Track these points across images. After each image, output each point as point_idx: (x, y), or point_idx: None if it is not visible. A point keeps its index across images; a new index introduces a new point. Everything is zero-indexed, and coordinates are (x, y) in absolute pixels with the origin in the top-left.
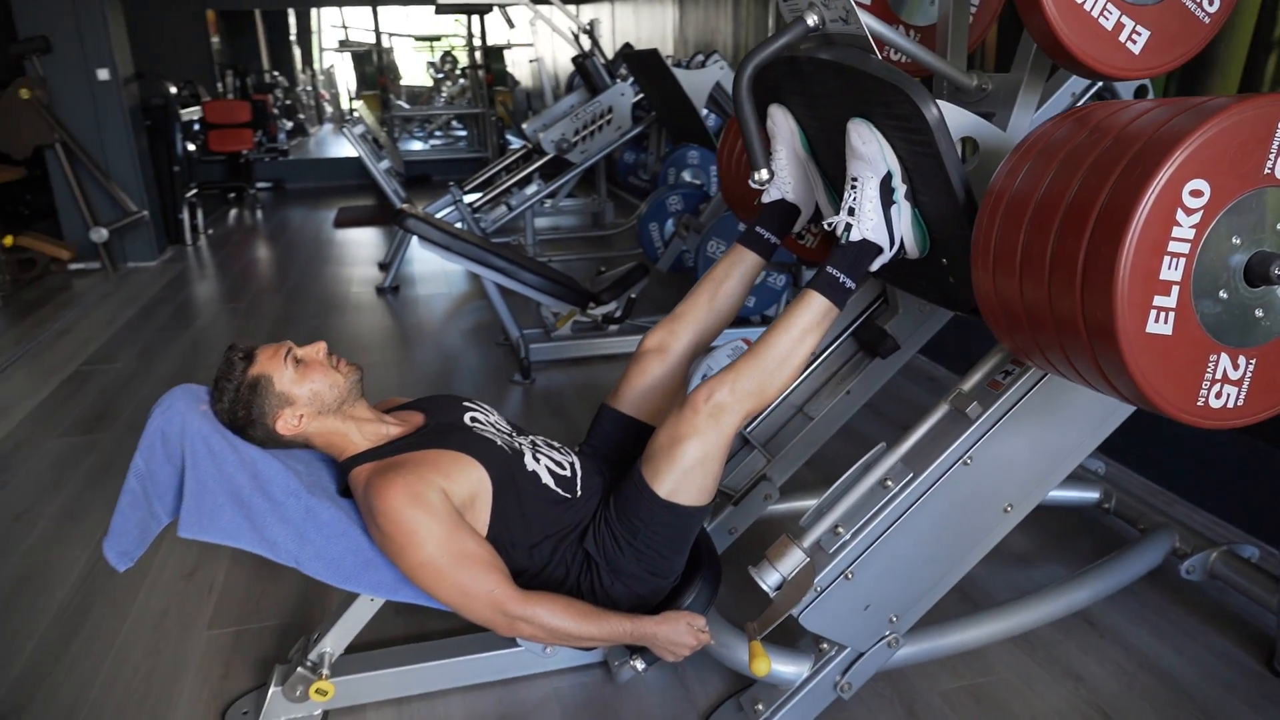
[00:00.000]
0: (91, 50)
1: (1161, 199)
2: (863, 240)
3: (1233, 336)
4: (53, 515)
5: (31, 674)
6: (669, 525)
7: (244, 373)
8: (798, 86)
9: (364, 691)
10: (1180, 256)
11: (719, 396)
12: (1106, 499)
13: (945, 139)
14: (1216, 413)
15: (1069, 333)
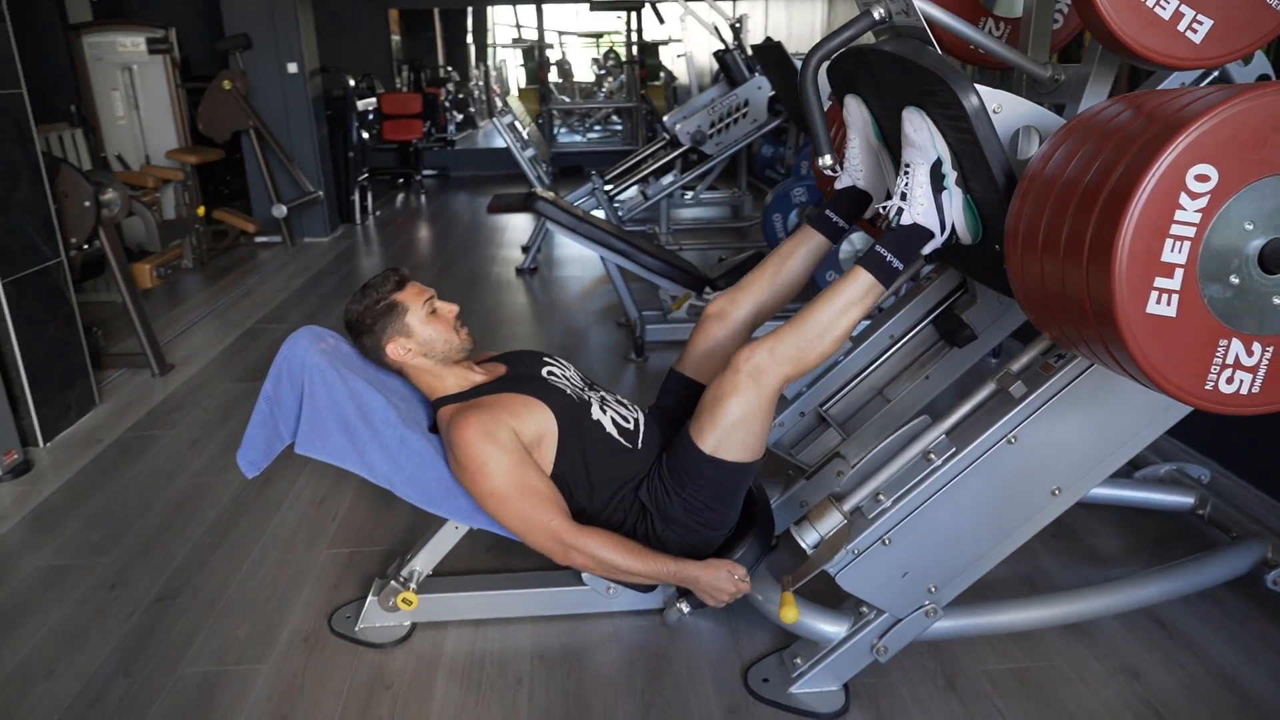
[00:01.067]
0: (284, 46)
1: (1163, 182)
2: (913, 224)
3: (1247, 322)
4: (218, 445)
5: (184, 570)
6: (713, 479)
7: (389, 292)
8: (867, 77)
9: (447, 610)
10: (1184, 240)
11: (759, 359)
12: (1201, 505)
13: (985, 126)
14: (1228, 398)
15: (1080, 312)
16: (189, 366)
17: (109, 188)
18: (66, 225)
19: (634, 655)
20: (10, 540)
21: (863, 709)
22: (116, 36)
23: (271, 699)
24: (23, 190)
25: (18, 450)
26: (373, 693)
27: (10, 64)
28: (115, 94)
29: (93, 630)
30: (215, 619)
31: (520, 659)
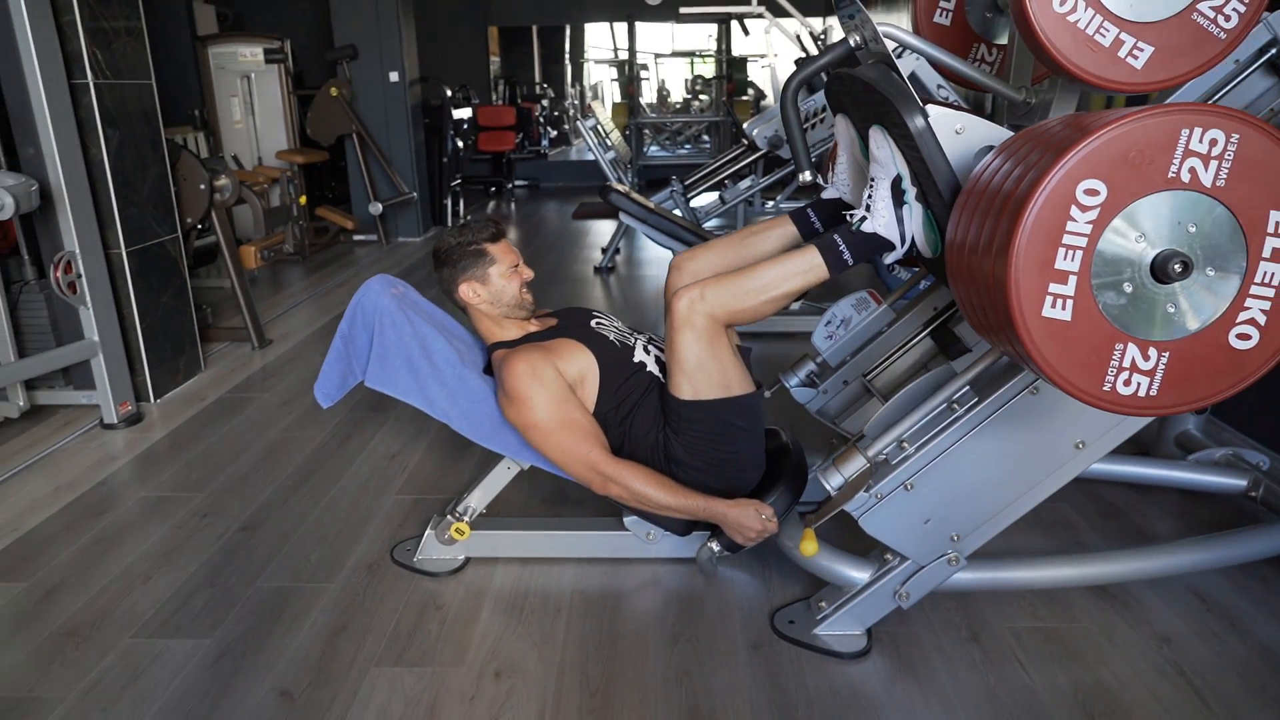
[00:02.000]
0: (387, 56)
1: (1054, 195)
2: (874, 233)
3: (1142, 328)
4: (305, 407)
5: (266, 507)
6: (698, 420)
7: (484, 240)
8: (849, 98)
9: (497, 546)
10: (1076, 249)
11: (688, 297)
12: (1254, 486)
13: (929, 145)
14: (1127, 399)
15: (996, 317)
16: (285, 343)
17: (222, 174)
18: (183, 205)
19: (669, 597)
20: (120, 476)
21: (883, 653)
22: (238, 47)
23: (334, 611)
24: (149, 170)
25: (132, 403)
26: (424, 612)
27: (143, 60)
28: (234, 100)
29: (185, 549)
30: (291, 546)
31: (561, 594)
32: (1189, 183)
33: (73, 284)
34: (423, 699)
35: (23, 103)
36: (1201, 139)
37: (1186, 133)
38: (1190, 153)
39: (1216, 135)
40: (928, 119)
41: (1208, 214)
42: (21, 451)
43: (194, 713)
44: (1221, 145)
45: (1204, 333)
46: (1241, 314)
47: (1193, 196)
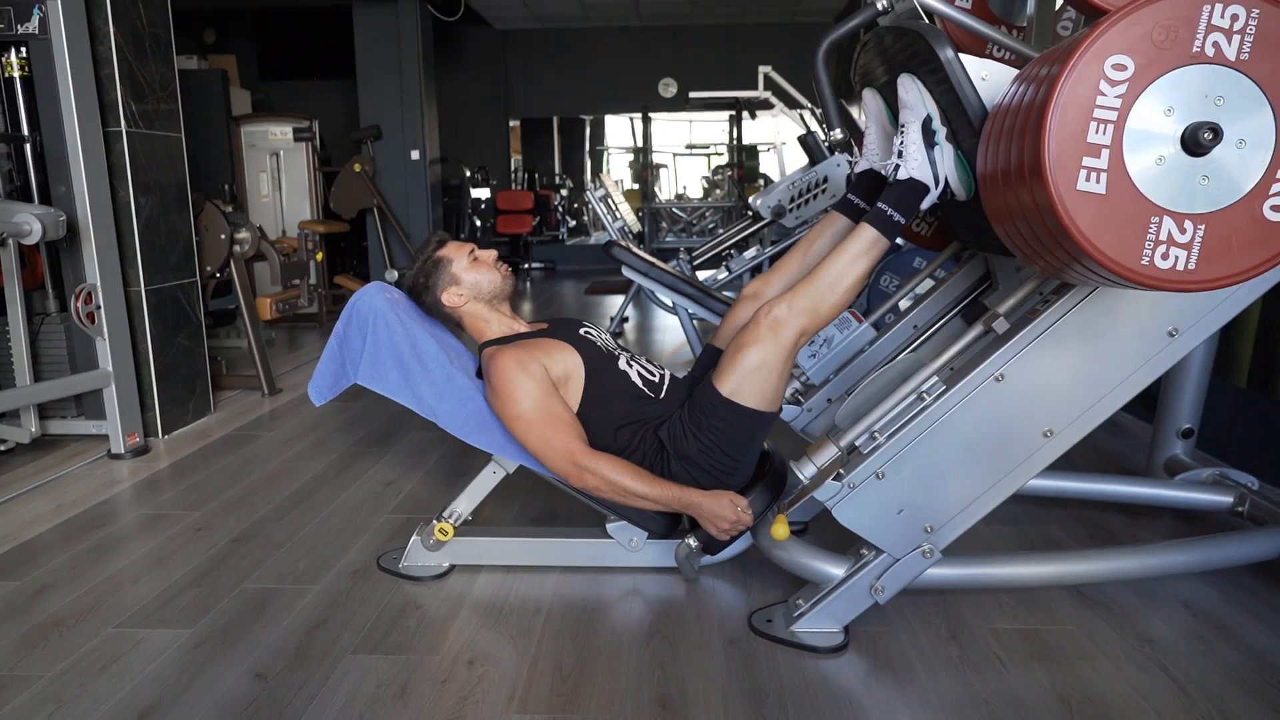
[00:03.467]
0: (409, 136)
1: (1084, 71)
2: (910, 179)
3: (1177, 201)
4: (308, 442)
5: (261, 522)
6: (728, 421)
7: (434, 251)
8: (880, 61)
9: (481, 553)
10: (1108, 123)
11: (777, 311)
12: (1240, 502)
13: (958, 73)
14: (1166, 274)
15: (1030, 208)
16: (295, 391)
17: (243, 228)
18: (204, 253)
19: (649, 602)
20: (121, 498)
21: (861, 650)
22: (269, 126)
23: (316, 609)
24: (173, 217)
25: (140, 435)
26: (405, 610)
27: (174, 114)
28: (262, 175)
29: (176, 556)
30: (280, 555)
31: (542, 597)
32: (1214, 57)
33: (91, 314)
34: (394, 682)
35: (59, 144)
36: (1223, 14)
37: (1208, 9)
38: (1213, 28)
39: (1237, 10)
40: (956, 49)
41: (1234, 87)
42: (28, 477)
43: (168, 690)
44: (1243, 20)
45: (1238, 205)
46: (1274, 185)
47: (1218, 70)
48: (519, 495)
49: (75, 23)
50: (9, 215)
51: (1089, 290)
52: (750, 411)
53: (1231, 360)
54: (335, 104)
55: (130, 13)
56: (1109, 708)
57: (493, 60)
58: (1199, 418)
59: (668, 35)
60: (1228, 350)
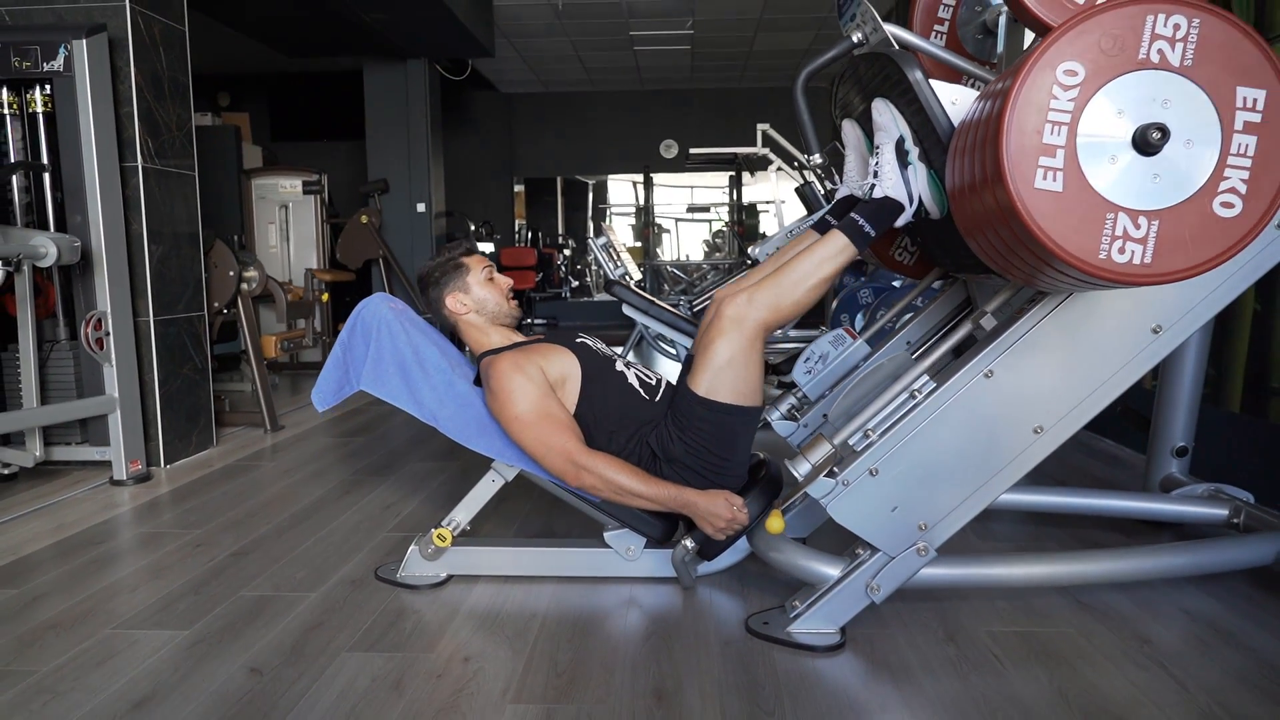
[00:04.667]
0: (415, 189)
1: (1038, 76)
2: (885, 197)
3: (1130, 198)
4: (309, 472)
5: (259, 540)
6: (708, 420)
7: (458, 256)
8: (856, 91)
9: (479, 563)
10: (1061, 125)
11: (738, 302)
12: (1235, 514)
13: (926, 93)
14: (1123, 267)
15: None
16: (297, 428)
17: (251, 266)
18: (212, 289)
19: (646, 610)
20: (121, 519)
21: (858, 651)
22: (279, 179)
23: (313, 613)
24: (183, 251)
25: (142, 463)
26: (401, 614)
27: (189, 152)
28: (271, 227)
29: (175, 568)
30: (279, 567)
31: (539, 604)
32: (1159, 63)
33: (100, 341)
34: (389, 677)
35: (77, 176)
36: (1166, 24)
37: (1152, 19)
38: (1157, 36)
39: (1179, 20)
40: (924, 71)
41: (1179, 91)
42: (29, 501)
43: (163, 683)
44: (1185, 29)
45: (1189, 202)
46: (1222, 183)
47: (1164, 75)
48: (518, 517)
49: (98, 63)
50: (27, 239)
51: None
52: (728, 407)
53: (1224, 386)
54: (344, 164)
55: (151, 56)
56: (1108, 702)
57: (498, 122)
58: (1193, 436)
59: (669, 98)
60: (1221, 376)
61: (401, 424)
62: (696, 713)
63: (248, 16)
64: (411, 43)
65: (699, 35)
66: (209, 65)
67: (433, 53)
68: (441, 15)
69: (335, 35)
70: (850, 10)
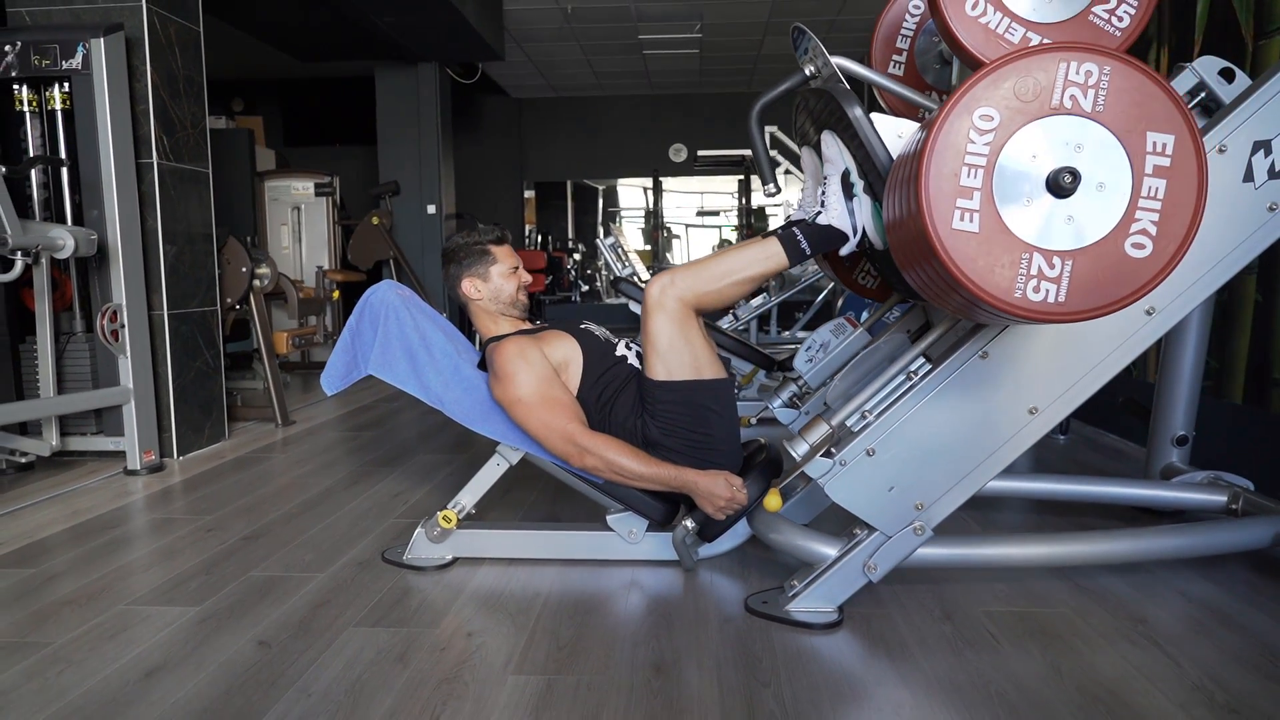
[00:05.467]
0: (426, 191)
1: (955, 121)
2: (828, 225)
3: (1044, 239)
4: (319, 463)
5: (271, 525)
6: (672, 401)
7: (489, 241)
8: (810, 122)
9: (484, 546)
10: (978, 168)
11: (660, 283)
12: (1234, 500)
13: (865, 128)
14: (1038, 306)
15: (921, 252)
16: (308, 423)
17: (264, 263)
18: (225, 284)
19: (648, 591)
20: (135, 506)
21: (854, 628)
22: (291, 182)
23: (319, 592)
24: (197, 246)
25: (155, 453)
26: (407, 593)
27: (202, 150)
28: (284, 228)
29: (187, 551)
30: (289, 550)
31: (541, 585)
32: (1071, 108)
33: (116, 332)
34: (394, 650)
35: (94, 172)
36: (1078, 71)
37: (1064, 66)
38: (1070, 83)
39: (1091, 68)
40: (864, 108)
41: (1091, 136)
42: (45, 490)
43: (174, 654)
44: (1096, 76)
45: (1102, 243)
46: (1134, 225)
47: (1076, 120)
48: (523, 506)
49: (115, 61)
50: (45, 231)
51: None
52: (684, 384)
53: (1227, 378)
54: (356, 167)
55: (167, 55)
56: (1101, 676)
57: (508, 126)
58: (1193, 425)
59: (678, 103)
60: (1223, 368)
61: (411, 419)
62: (694, 684)
63: (261, 21)
64: (423, 47)
65: (707, 39)
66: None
67: (444, 57)
68: (453, 20)
69: (347, 39)
70: (803, 44)
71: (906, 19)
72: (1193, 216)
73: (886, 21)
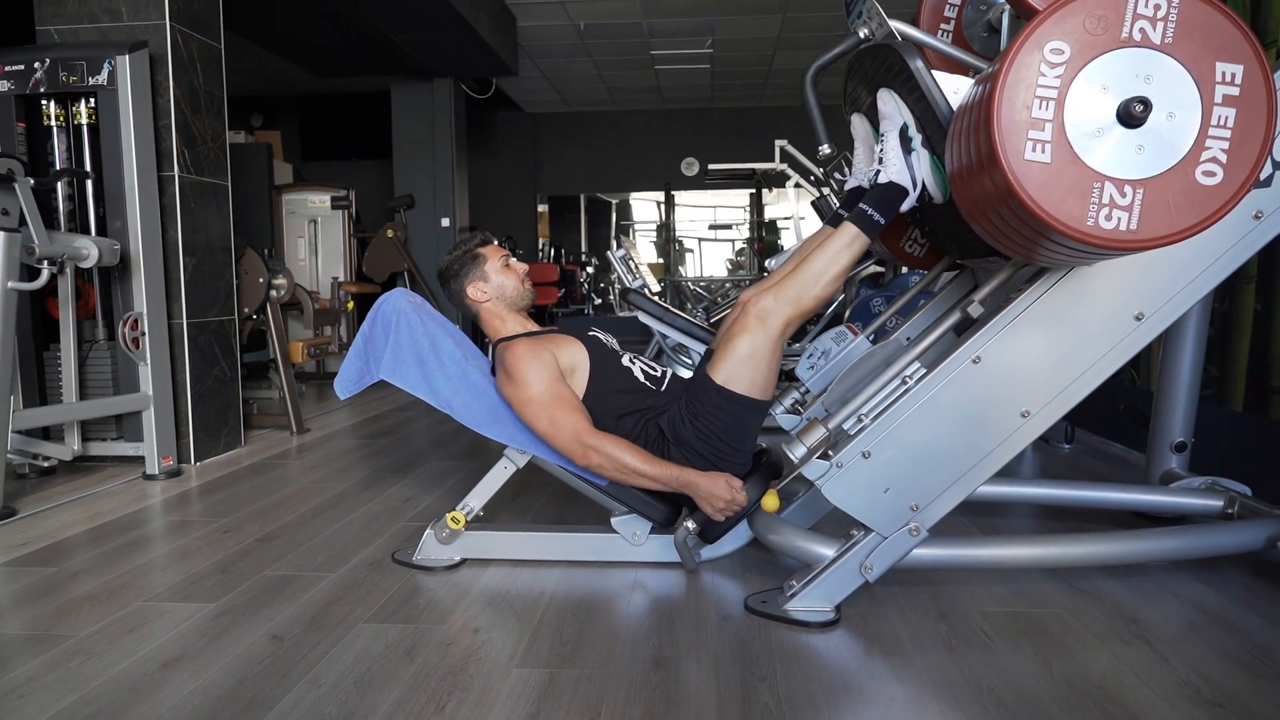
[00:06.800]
0: (440, 205)
1: (1026, 56)
2: (889, 182)
3: (1116, 168)
4: (333, 469)
5: (286, 527)
6: (722, 408)
7: (474, 246)
8: (863, 84)
9: (491, 546)
10: (1049, 100)
11: (764, 301)
12: (1230, 505)
13: (927, 79)
14: (1110, 234)
15: (989, 188)
16: (322, 431)
17: (280, 274)
18: (243, 294)
19: (651, 592)
20: (152, 509)
21: (851, 626)
22: (308, 195)
23: (331, 590)
24: (216, 257)
25: (174, 458)
26: (416, 592)
27: (222, 164)
28: (301, 241)
29: (204, 551)
30: (302, 550)
31: (547, 586)
32: (1141, 41)
33: (137, 340)
34: (402, 644)
35: (118, 184)
36: (1148, 4)
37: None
38: (1139, 16)
39: (1159, 0)
40: (925, 60)
41: (1161, 67)
42: (67, 493)
43: (190, 647)
44: (1165, 8)
45: (1172, 171)
46: (1204, 153)
47: (1146, 52)
48: (531, 510)
49: (140, 77)
50: (70, 241)
51: (1059, 276)
52: (743, 398)
53: (1227, 386)
54: (372, 182)
55: (189, 71)
56: (1090, 672)
57: (522, 141)
58: (1191, 432)
59: (690, 117)
60: (1224, 376)
61: (423, 428)
62: (692, 678)
63: (281, 38)
64: (438, 63)
65: (718, 54)
66: (243, 87)
67: (458, 72)
68: (468, 36)
69: (365, 56)
70: (857, 8)
71: None
72: (1263, 144)
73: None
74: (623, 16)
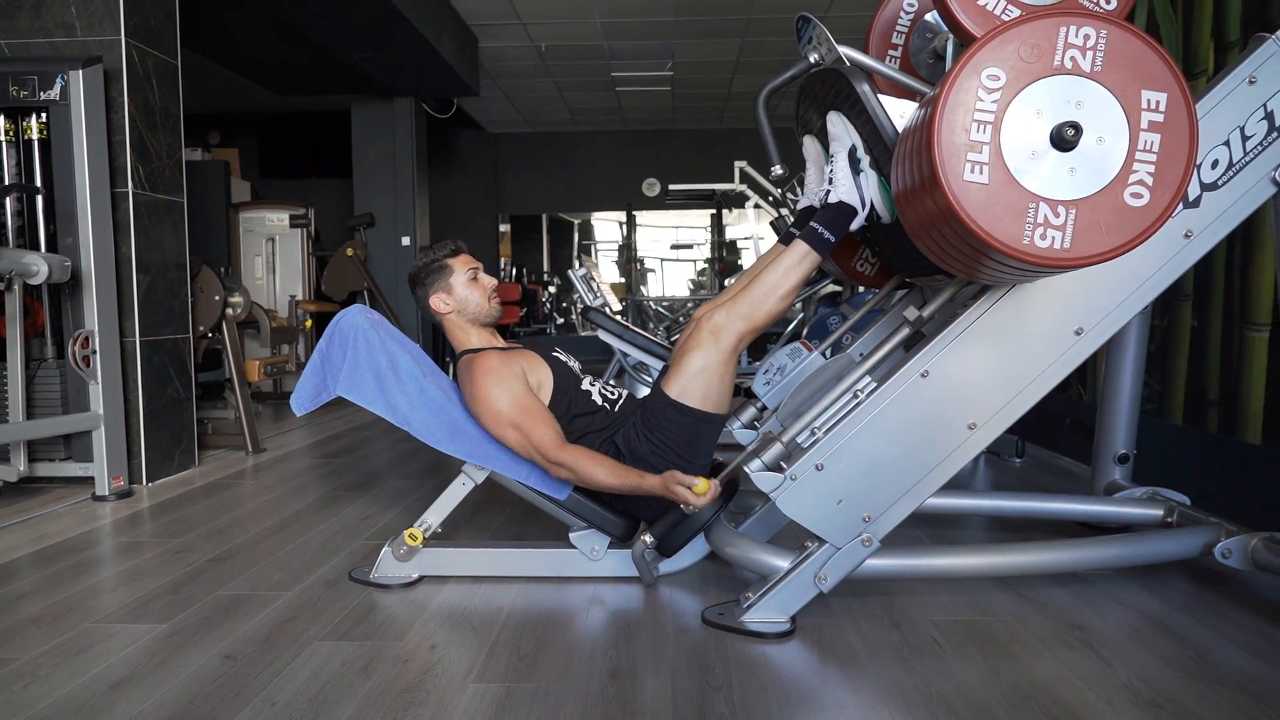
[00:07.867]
0: (401, 224)
1: (964, 80)
2: (839, 202)
3: (1049, 189)
4: (288, 488)
5: (240, 547)
6: (676, 422)
7: (445, 257)
8: (813, 108)
9: (449, 564)
10: (987, 124)
11: (717, 317)
12: (1169, 514)
13: (873, 104)
14: (1045, 252)
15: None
16: (278, 451)
17: (236, 293)
18: (198, 313)
19: (610, 607)
20: (102, 530)
21: (806, 637)
22: (266, 213)
23: (286, 609)
24: (171, 275)
25: (124, 479)
26: (372, 610)
27: (177, 181)
28: (258, 259)
29: (154, 572)
30: (257, 570)
31: (505, 601)
32: (1072, 68)
33: (87, 358)
34: (358, 662)
35: (69, 200)
36: (1078, 34)
37: (1064, 29)
38: (1070, 44)
39: (1089, 31)
40: (873, 85)
41: (1091, 94)
42: (11, 515)
43: (140, 668)
44: (1094, 39)
45: (1103, 192)
46: (1132, 175)
47: (1077, 80)
48: (490, 527)
49: (93, 93)
50: (19, 257)
51: (1002, 293)
52: (696, 411)
53: (1168, 399)
54: (331, 200)
55: (144, 87)
56: (1036, 677)
57: (484, 160)
58: (1134, 444)
59: (651, 138)
60: (1165, 390)
61: (382, 447)
62: (649, 689)
63: (239, 55)
64: (399, 82)
65: (679, 77)
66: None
67: (420, 92)
68: (428, 55)
69: (324, 74)
70: (808, 34)
71: (901, 16)
72: (1185, 168)
73: (882, 19)
74: (584, 39)
